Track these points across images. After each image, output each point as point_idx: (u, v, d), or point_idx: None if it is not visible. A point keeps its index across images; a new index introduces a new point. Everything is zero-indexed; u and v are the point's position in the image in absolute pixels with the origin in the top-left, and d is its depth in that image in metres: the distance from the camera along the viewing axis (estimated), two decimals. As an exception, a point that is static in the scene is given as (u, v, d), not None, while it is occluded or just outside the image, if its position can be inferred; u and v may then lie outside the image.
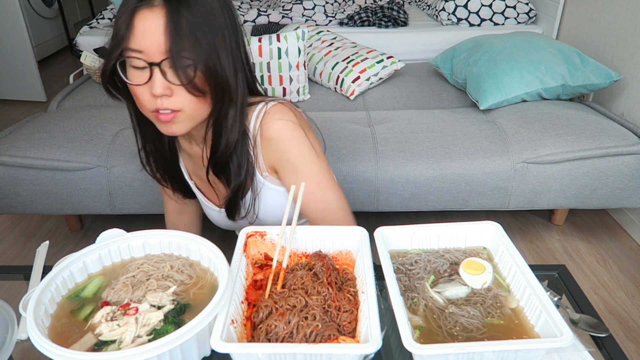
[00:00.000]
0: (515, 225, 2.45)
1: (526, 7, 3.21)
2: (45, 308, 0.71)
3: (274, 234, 0.86)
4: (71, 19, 5.17)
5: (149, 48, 0.87)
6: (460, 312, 0.72)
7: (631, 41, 2.33)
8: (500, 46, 2.43)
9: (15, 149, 2.01)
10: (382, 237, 0.84)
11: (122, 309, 0.72)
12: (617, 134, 2.05)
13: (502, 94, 2.26)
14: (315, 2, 3.44)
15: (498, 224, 0.85)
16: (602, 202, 2.10)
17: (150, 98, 0.90)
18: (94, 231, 2.42)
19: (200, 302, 0.73)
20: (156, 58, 0.87)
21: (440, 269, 0.81)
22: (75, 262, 0.79)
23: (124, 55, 0.89)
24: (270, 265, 0.86)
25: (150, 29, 0.86)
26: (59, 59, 4.80)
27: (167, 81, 0.88)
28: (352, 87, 2.57)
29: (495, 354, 0.64)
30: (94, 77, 2.76)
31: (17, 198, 2.04)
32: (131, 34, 0.87)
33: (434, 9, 3.45)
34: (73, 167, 1.99)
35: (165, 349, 0.61)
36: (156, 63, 0.87)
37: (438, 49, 3.00)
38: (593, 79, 2.27)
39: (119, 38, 0.88)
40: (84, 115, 2.27)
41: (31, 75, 3.81)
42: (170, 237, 0.83)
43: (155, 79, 0.88)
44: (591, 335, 0.77)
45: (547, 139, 2.04)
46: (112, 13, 3.50)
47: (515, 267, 0.76)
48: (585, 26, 2.73)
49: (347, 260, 0.86)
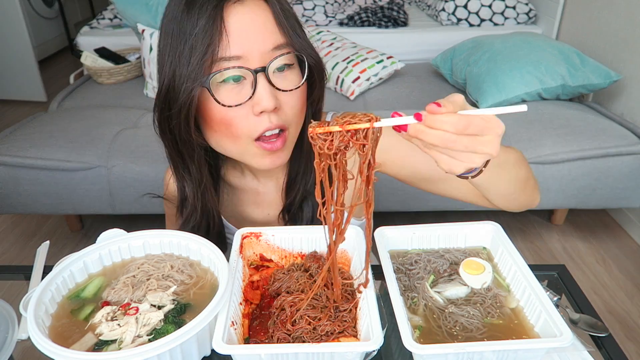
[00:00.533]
0: (515, 225, 2.45)
1: (526, 7, 3.21)
2: (45, 308, 0.71)
3: (269, 235, 0.86)
4: (71, 19, 5.18)
5: (250, 51, 0.70)
6: (460, 312, 0.72)
7: (631, 41, 2.34)
8: (500, 46, 2.43)
9: (15, 149, 2.01)
10: (382, 237, 0.84)
11: (123, 309, 0.72)
12: (616, 134, 2.05)
13: (502, 94, 2.27)
14: (315, 3, 3.44)
15: (498, 224, 0.85)
16: (601, 202, 2.10)
17: (252, 120, 0.73)
18: (94, 231, 2.42)
19: (200, 302, 0.74)
20: (261, 62, 0.71)
21: (440, 269, 0.81)
22: (76, 262, 0.79)
23: (217, 68, 0.70)
24: (265, 267, 0.86)
25: (250, 27, 0.70)
26: (59, 59, 4.81)
27: (277, 89, 0.73)
28: (352, 87, 2.57)
29: (495, 354, 0.65)
30: (94, 77, 2.76)
31: (17, 198, 2.04)
32: (223, 38, 0.69)
33: (434, 9, 3.45)
34: (73, 167, 1.99)
35: (165, 348, 0.61)
36: (262, 68, 0.71)
37: (438, 49, 3.00)
38: (593, 79, 2.27)
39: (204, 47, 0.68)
40: (85, 115, 2.28)
41: (32, 75, 3.81)
42: (170, 237, 0.83)
43: (262, 89, 0.71)
44: (591, 335, 0.77)
45: (547, 139, 2.05)
46: (113, 13, 3.50)
47: (515, 267, 0.77)
48: (585, 26, 2.73)
49: (342, 259, 0.86)
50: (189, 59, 0.70)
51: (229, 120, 0.73)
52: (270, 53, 0.72)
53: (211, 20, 0.68)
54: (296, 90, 0.75)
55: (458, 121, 0.55)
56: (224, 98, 0.72)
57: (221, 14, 0.69)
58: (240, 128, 0.74)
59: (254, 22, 0.70)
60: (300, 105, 0.78)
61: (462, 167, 0.60)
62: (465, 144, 0.56)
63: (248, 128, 0.74)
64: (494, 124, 0.57)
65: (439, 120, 0.55)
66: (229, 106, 0.72)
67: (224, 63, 0.70)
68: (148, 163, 2.00)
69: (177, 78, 0.72)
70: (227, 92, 0.72)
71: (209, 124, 0.77)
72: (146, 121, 2.30)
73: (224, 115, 0.73)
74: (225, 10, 0.69)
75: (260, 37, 0.70)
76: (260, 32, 0.70)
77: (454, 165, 0.59)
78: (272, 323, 0.73)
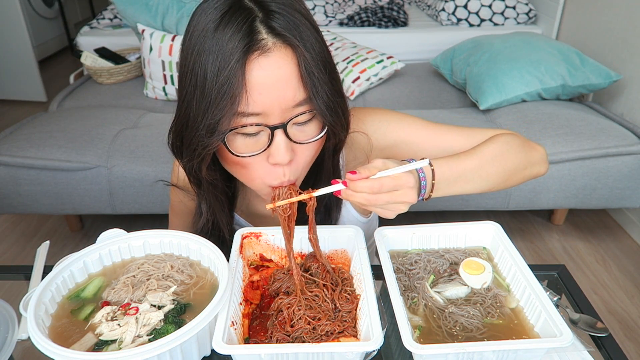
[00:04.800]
0: (515, 225, 2.45)
1: (526, 7, 3.21)
2: (45, 308, 0.71)
3: (269, 235, 0.86)
4: (71, 19, 5.18)
5: (270, 108, 0.68)
6: (460, 312, 0.72)
7: (631, 41, 2.34)
8: (500, 46, 2.43)
9: (15, 149, 2.01)
10: (382, 237, 0.84)
11: (123, 309, 0.72)
12: (616, 134, 2.05)
13: (502, 94, 2.27)
14: (315, 3, 3.44)
15: (498, 224, 0.85)
16: (601, 202, 2.10)
17: (266, 168, 0.74)
18: (94, 231, 2.42)
19: (200, 302, 0.74)
20: (280, 118, 0.69)
21: (440, 269, 0.81)
22: (76, 262, 0.79)
23: (235, 124, 0.68)
24: (265, 267, 0.86)
25: (272, 83, 0.66)
26: (59, 59, 4.80)
27: (293, 142, 0.72)
28: (352, 87, 2.57)
29: (495, 354, 0.65)
30: (94, 77, 2.76)
31: (17, 198, 2.04)
32: (243, 95, 0.66)
33: (434, 9, 3.45)
34: (73, 167, 1.99)
35: (165, 348, 0.61)
36: (281, 125, 0.70)
37: (438, 49, 3.00)
38: (593, 79, 2.27)
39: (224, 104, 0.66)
40: (85, 115, 2.28)
41: (32, 75, 3.81)
42: (170, 237, 0.83)
43: (279, 144, 0.70)
44: (591, 335, 0.77)
45: (547, 139, 2.05)
46: (113, 13, 3.50)
47: (515, 267, 0.77)
48: (585, 26, 2.73)
49: (342, 260, 0.86)
50: (207, 110, 0.68)
51: (244, 164, 0.74)
52: (291, 110, 0.70)
53: (233, 75, 0.65)
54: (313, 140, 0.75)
55: (372, 185, 0.69)
56: (240, 146, 0.72)
57: (243, 69, 0.65)
58: (255, 172, 0.75)
59: (277, 78, 0.67)
60: (315, 153, 0.78)
61: (393, 214, 0.75)
62: (386, 200, 0.70)
63: (263, 174, 0.75)
64: (403, 180, 0.71)
65: (358, 186, 0.69)
66: (244, 156, 0.72)
67: (242, 119, 0.68)
68: (148, 163, 2.00)
69: (193, 121, 0.71)
70: (243, 141, 0.72)
71: (226, 161, 0.77)
72: (146, 121, 2.30)
73: (239, 160, 0.73)
74: (249, 64, 0.66)
75: (282, 93, 0.67)
76: (282, 88, 0.67)
77: (387, 214, 0.75)
78: (271, 324, 0.73)
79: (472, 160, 0.82)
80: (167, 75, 2.57)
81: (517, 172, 0.87)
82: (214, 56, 0.66)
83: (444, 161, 0.79)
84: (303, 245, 0.86)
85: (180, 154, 0.79)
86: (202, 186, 0.85)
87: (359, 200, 0.70)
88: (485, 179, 0.83)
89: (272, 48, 0.66)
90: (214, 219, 0.91)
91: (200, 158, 0.73)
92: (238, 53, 0.64)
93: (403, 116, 0.93)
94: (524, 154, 0.87)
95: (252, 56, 0.66)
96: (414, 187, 0.72)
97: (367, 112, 0.93)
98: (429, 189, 0.77)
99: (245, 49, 0.65)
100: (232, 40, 0.65)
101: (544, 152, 0.92)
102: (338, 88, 0.74)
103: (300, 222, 0.79)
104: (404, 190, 0.71)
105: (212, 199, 0.88)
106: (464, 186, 0.81)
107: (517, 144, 0.87)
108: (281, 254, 0.87)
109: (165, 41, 2.52)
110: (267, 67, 0.66)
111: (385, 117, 0.92)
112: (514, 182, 0.88)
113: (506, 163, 0.84)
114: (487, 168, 0.82)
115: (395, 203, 0.72)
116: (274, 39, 0.67)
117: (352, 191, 0.70)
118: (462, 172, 0.80)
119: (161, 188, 2.00)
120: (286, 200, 0.75)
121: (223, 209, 0.91)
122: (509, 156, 0.85)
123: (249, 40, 0.65)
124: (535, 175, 0.91)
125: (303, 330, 0.70)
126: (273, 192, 0.77)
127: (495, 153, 0.84)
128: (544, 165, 0.92)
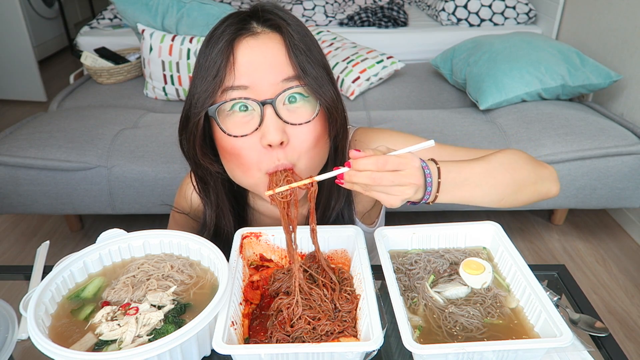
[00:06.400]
0: (515, 225, 2.45)
1: (526, 7, 3.21)
2: (45, 308, 0.71)
3: (269, 235, 0.86)
4: (71, 19, 5.18)
5: (258, 82, 0.71)
6: (460, 312, 0.72)
7: (631, 41, 2.34)
8: (500, 46, 2.43)
9: (15, 149, 2.01)
10: (382, 237, 0.84)
11: (123, 309, 0.72)
12: (616, 134, 2.05)
13: (502, 94, 2.27)
14: (315, 3, 3.44)
15: (498, 224, 0.85)
16: (601, 202, 2.10)
17: (260, 153, 0.74)
18: (94, 231, 2.42)
19: (200, 302, 0.74)
20: (269, 94, 0.72)
21: (440, 269, 0.81)
22: (76, 262, 0.79)
23: (224, 98, 0.72)
24: (265, 267, 0.86)
25: (260, 59, 0.71)
26: (59, 59, 4.81)
27: (285, 122, 0.73)
28: (352, 87, 2.57)
29: (495, 354, 0.65)
30: (94, 77, 2.76)
31: (17, 198, 2.04)
32: (230, 68, 0.72)
33: (434, 9, 3.45)
34: (73, 167, 1.99)
35: (165, 348, 0.61)
36: (270, 100, 0.72)
37: (438, 49, 3.00)
38: (593, 79, 2.27)
39: (212, 77, 0.72)
40: (85, 115, 2.28)
41: (31, 75, 3.81)
42: (170, 237, 0.84)
43: (269, 122, 0.71)
44: (591, 335, 0.77)
45: (547, 139, 2.05)
46: (113, 13, 3.50)
47: (515, 267, 0.77)
48: (585, 26, 2.73)
49: (342, 259, 0.86)
50: (199, 88, 0.73)
51: (237, 151, 0.75)
52: (280, 85, 0.72)
53: (222, 53, 0.71)
54: (307, 124, 0.74)
55: (377, 160, 0.67)
56: (232, 128, 0.74)
57: (232, 47, 0.72)
58: (249, 159, 0.75)
59: (265, 55, 0.71)
60: (313, 139, 0.76)
61: (398, 200, 0.71)
62: (391, 179, 0.68)
63: (257, 160, 0.75)
64: (408, 159, 0.69)
65: (362, 163, 0.67)
66: (235, 136, 0.73)
67: (230, 93, 0.71)
68: (148, 163, 2.00)
69: (193, 107, 0.76)
70: (235, 122, 0.73)
71: (221, 153, 0.79)
72: (146, 121, 2.31)
73: (233, 145, 0.74)
74: (237, 43, 0.72)
75: (270, 68, 0.71)
76: (269, 64, 0.71)
77: (392, 199, 0.71)
78: (270, 324, 0.73)
79: (479, 164, 0.79)
80: (167, 75, 2.57)
81: (526, 186, 0.83)
82: (210, 44, 0.74)
83: (450, 162, 0.77)
84: (303, 246, 0.86)
85: (183, 147, 0.83)
86: (206, 183, 0.87)
87: (363, 180, 0.67)
88: (494, 187, 0.79)
89: (260, 33, 0.74)
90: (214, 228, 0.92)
91: (193, 135, 0.77)
92: (229, 35, 0.73)
93: (408, 137, 0.92)
94: (533, 167, 0.85)
95: (242, 38, 0.73)
96: (419, 168, 0.70)
97: (373, 133, 0.93)
98: (435, 189, 0.73)
99: (235, 32, 0.73)
100: (227, 28, 0.74)
101: (554, 171, 0.89)
102: (328, 71, 0.78)
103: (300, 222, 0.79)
104: (410, 170, 0.68)
105: (214, 198, 0.89)
106: (473, 192, 0.78)
107: (525, 157, 0.85)
108: (281, 254, 0.87)
109: (165, 41, 2.53)
110: (255, 46, 0.72)
111: (392, 138, 0.91)
112: (525, 197, 0.84)
113: (515, 173, 0.81)
114: (495, 174, 0.79)
115: (401, 186, 0.68)
116: (263, 27, 0.75)
117: (356, 170, 0.68)
118: (469, 175, 0.77)
119: (161, 188, 2.00)
120: (287, 186, 0.72)
121: (225, 215, 0.91)
122: (518, 167, 0.82)
123: (240, 26, 0.74)
124: (546, 194, 0.87)
125: (303, 330, 0.70)
126: (270, 179, 0.76)
127: (502, 161, 0.81)
128: (554, 184, 0.88)
